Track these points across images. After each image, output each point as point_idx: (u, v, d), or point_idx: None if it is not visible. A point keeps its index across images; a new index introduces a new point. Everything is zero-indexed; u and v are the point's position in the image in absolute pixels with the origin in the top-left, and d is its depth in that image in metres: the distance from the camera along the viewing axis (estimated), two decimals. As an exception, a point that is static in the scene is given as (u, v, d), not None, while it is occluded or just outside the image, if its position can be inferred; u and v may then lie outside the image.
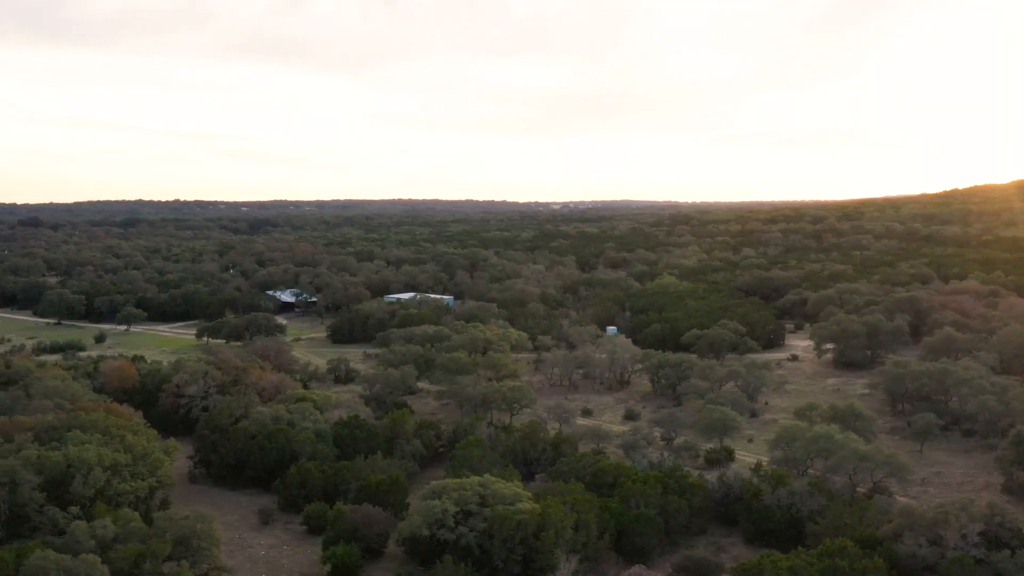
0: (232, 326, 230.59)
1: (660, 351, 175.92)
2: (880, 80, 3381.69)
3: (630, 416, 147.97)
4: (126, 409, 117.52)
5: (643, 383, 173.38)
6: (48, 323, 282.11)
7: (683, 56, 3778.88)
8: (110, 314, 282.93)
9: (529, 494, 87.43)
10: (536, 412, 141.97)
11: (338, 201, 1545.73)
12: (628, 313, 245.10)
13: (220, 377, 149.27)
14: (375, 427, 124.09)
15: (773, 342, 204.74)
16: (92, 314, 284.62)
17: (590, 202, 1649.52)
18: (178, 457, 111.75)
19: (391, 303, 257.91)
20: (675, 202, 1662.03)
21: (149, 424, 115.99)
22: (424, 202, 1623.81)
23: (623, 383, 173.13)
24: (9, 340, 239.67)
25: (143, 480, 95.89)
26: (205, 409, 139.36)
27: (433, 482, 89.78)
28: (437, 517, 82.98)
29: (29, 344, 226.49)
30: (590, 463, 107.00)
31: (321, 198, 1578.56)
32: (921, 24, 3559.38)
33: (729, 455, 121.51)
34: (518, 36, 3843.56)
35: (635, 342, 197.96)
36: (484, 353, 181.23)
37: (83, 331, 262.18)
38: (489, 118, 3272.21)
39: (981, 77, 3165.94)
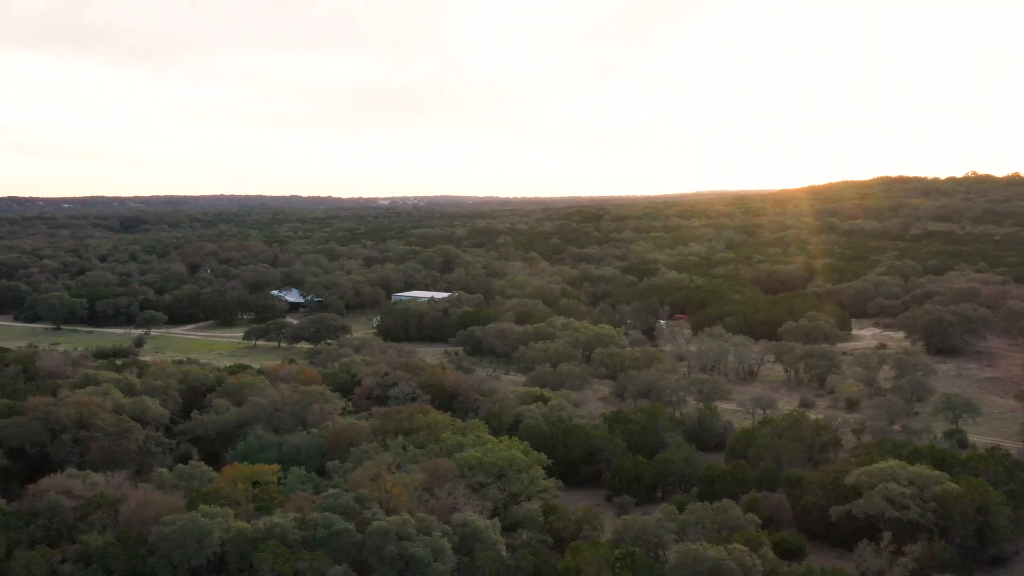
0: (296, 327, 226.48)
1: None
2: (679, 79, 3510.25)
3: (805, 404, 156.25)
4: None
5: (771, 373, 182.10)
6: (46, 328, 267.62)
7: (490, 52, 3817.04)
8: (113, 318, 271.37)
9: (947, 475, 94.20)
10: (741, 402, 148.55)
11: (160, 197, 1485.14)
12: (667, 308, 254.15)
13: (403, 376, 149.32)
14: (639, 420, 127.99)
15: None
16: (95, 318, 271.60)
17: (414, 198, 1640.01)
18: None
19: (437, 302, 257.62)
20: (496, 198, 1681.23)
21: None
22: (249, 198, 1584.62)
23: (751, 374, 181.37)
24: (36, 347, 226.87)
25: (549, 479, 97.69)
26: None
27: (864, 468, 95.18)
28: (896, 498, 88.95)
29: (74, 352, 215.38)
30: (899, 446, 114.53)
31: (139, 194, 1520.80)
32: (711, 30, 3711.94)
33: (964, 436, 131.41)
34: (324, 30, 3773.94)
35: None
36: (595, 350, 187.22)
37: (91, 336, 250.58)
38: (299, 112, 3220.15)
39: (774, 84, 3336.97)
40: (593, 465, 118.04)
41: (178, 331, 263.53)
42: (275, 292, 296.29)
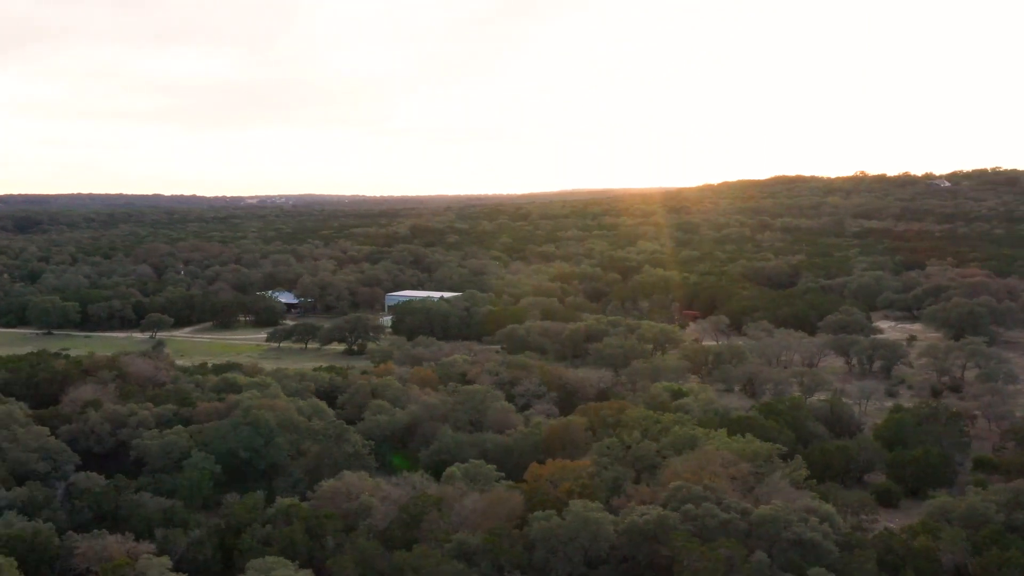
0: (329, 328, 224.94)
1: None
2: (542, 78, 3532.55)
3: (890, 394, 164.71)
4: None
5: (828, 366, 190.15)
6: (36, 333, 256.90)
7: (350, 50, 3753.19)
8: (107, 321, 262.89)
9: None
10: (845, 393, 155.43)
11: (17, 196, 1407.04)
12: (676, 304, 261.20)
13: (520, 375, 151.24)
14: (787, 411, 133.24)
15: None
16: (86, 322, 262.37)
17: (281, 197, 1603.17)
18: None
19: (452, 301, 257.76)
20: (364, 196, 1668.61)
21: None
22: (110, 196, 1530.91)
23: (810, 367, 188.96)
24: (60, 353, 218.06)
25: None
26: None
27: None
28: None
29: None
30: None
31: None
32: (576, 29, 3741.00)
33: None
34: (173, 24, 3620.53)
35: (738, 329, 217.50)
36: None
37: (91, 340, 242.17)
38: (153, 108, 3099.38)
39: (642, 85, 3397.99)
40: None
41: (180, 334, 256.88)
42: (271, 293, 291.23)
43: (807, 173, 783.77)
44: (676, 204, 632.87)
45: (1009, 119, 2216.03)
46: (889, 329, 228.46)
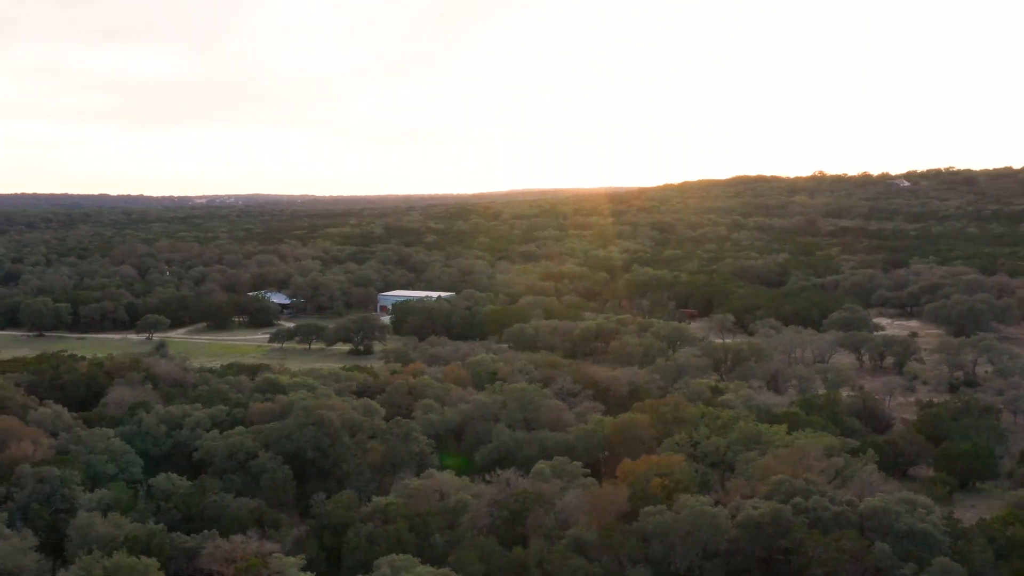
0: (335, 328, 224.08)
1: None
2: (492, 78, 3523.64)
3: (908, 389, 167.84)
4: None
5: (838, 362, 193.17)
6: (27, 335, 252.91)
7: (297, 49, 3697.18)
8: (99, 323, 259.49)
9: None
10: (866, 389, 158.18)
11: None
12: (673, 303, 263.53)
13: (551, 374, 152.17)
14: (825, 406, 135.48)
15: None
16: (78, 324, 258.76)
17: (231, 196, 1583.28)
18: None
19: (452, 300, 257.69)
20: (314, 196, 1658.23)
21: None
22: (55, 196, 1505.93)
23: (821, 363, 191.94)
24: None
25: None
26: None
27: None
28: None
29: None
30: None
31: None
32: (526, 29, 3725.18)
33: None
34: (120, 21, 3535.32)
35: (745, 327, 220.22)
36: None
37: (85, 342, 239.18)
38: (98, 108, 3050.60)
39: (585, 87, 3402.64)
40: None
41: (175, 335, 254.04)
42: (263, 293, 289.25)
43: (767, 173, 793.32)
44: (645, 204, 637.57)
45: (958, 120, 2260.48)
46: (888, 326, 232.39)
